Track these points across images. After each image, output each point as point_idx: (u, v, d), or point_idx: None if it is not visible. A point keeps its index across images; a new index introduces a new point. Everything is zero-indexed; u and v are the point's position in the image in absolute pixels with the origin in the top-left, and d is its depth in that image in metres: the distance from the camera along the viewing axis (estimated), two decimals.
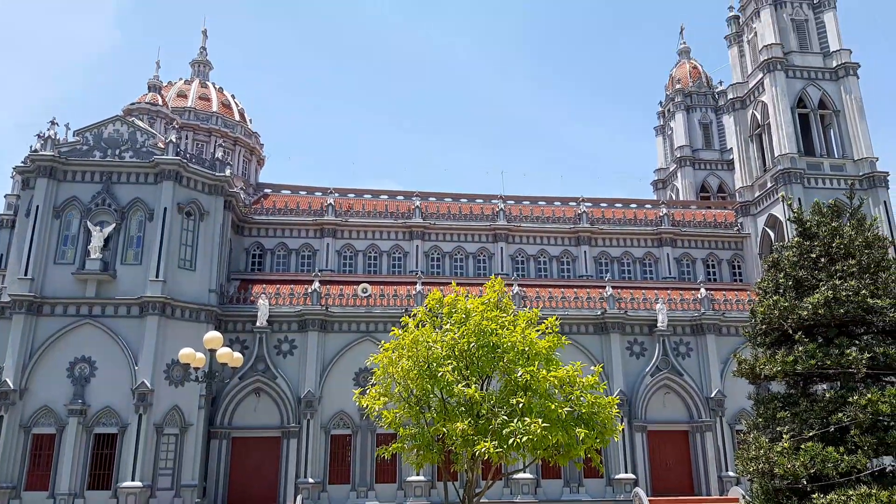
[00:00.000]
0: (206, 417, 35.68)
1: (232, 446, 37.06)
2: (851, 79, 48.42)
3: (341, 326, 39.54)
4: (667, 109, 66.93)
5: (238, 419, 37.44)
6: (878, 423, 8.21)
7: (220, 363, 20.50)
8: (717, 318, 41.48)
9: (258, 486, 36.33)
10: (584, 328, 41.14)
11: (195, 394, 35.15)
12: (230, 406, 37.37)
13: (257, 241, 45.16)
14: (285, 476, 36.34)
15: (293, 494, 35.63)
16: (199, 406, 35.33)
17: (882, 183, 45.69)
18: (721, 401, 39.69)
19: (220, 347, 20.41)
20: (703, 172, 61.51)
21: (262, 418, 37.46)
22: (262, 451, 37.04)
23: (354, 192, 48.90)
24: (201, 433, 34.93)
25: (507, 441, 18.26)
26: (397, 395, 21.31)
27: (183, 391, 35.21)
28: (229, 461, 36.69)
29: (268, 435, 37.35)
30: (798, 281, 9.33)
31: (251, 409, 37.55)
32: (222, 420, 37.05)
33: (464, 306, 21.90)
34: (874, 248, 9.25)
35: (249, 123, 53.15)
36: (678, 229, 48.72)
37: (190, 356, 20.70)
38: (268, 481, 36.51)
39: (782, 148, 46.47)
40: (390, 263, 45.86)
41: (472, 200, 49.72)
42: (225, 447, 36.76)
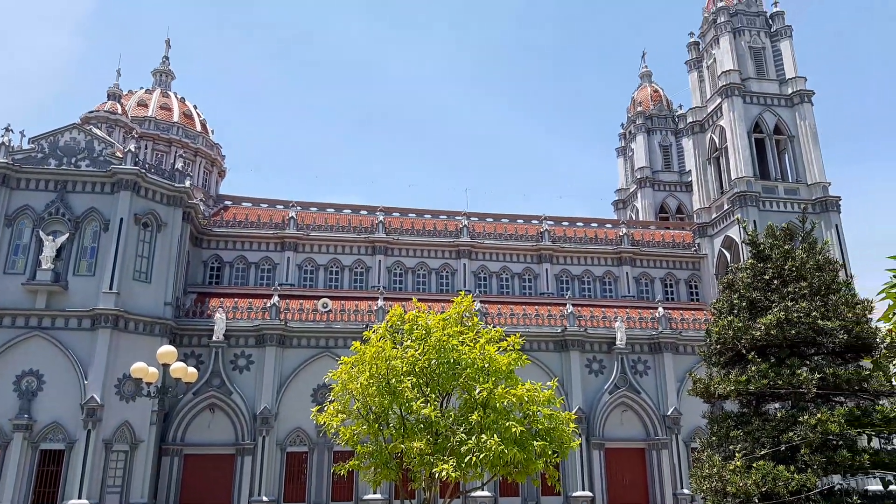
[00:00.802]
0: (158, 434, 34.39)
1: (184, 463, 36.08)
2: (806, 105, 50.01)
3: (300, 341, 39.01)
4: (628, 131, 68.17)
5: (191, 435, 36.51)
6: (827, 443, 8.35)
7: (173, 378, 19.96)
8: (675, 337, 42.10)
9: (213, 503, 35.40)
10: (544, 345, 41.34)
11: (147, 409, 34.21)
12: (183, 422, 36.44)
13: (216, 254, 44.39)
14: (239, 494, 35.51)
15: None
16: (150, 422, 34.38)
17: (834, 207, 47.13)
18: (677, 419, 40.18)
19: (174, 362, 19.87)
20: (662, 193, 62.67)
21: (216, 435, 36.61)
22: (216, 468, 36.16)
23: (317, 206, 48.51)
24: (152, 450, 33.91)
25: (464, 459, 18.14)
26: (355, 412, 21.03)
27: (134, 406, 34.23)
28: (181, 479, 35.71)
29: (222, 452, 36.50)
30: (752, 302, 9.50)
31: (205, 426, 36.67)
32: (175, 436, 36.10)
33: (425, 322, 21.78)
34: (825, 271, 9.48)
35: (211, 134, 52.43)
36: (637, 249, 49.47)
37: (142, 371, 20.11)
38: (221, 500, 35.61)
39: (739, 171, 47.65)
40: (352, 278, 45.50)
41: (436, 216, 49.77)
42: (177, 464, 35.79)
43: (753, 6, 53.87)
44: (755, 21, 53.11)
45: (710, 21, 54.29)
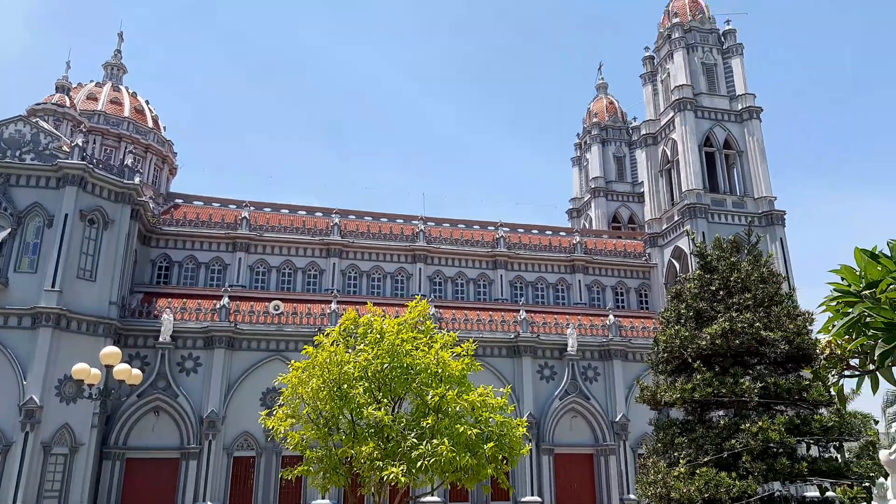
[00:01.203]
0: (100, 437, 33.60)
1: (126, 468, 35.04)
2: (755, 122, 51.56)
3: (250, 344, 38.36)
4: (584, 141, 69.18)
5: (134, 439, 35.48)
6: (768, 450, 8.59)
7: (117, 380, 19.38)
8: (624, 345, 42.82)
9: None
10: (497, 351, 41.55)
11: (88, 412, 33.13)
12: (126, 425, 35.40)
13: (165, 253, 43.34)
14: (183, 499, 34.65)
15: None
16: (91, 425, 33.28)
17: (779, 221, 48.67)
18: (625, 425, 40.84)
19: (118, 363, 19.30)
20: (615, 203, 63.75)
21: (160, 439, 35.66)
22: (159, 473, 35.22)
23: (271, 207, 47.82)
24: (93, 453, 32.90)
25: (415, 464, 18.07)
26: (305, 417, 20.75)
27: (75, 409, 33.10)
28: (122, 483, 34.66)
29: (166, 456, 35.58)
30: (698, 312, 9.73)
31: (149, 429, 35.69)
32: (117, 440, 35.04)
33: (379, 326, 21.64)
34: (769, 283, 9.77)
35: (163, 131, 51.21)
36: (590, 257, 50.19)
37: (84, 372, 19.46)
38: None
39: (689, 184, 48.81)
40: (305, 281, 44.97)
41: (392, 220, 49.59)
42: (118, 469, 34.73)
43: (707, 24, 55.35)
44: (708, 38, 54.58)
45: (665, 36, 55.57)
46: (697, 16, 55.32)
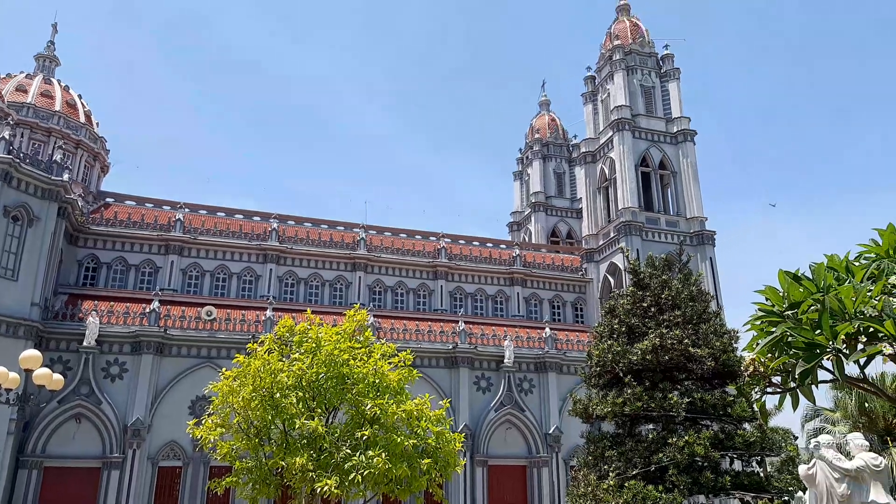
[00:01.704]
0: (16, 444, 31.99)
1: (44, 477, 33.33)
2: (689, 144, 53.41)
3: (180, 350, 37.20)
4: (525, 156, 70.22)
5: (53, 447, 33.81)
6: (693, 464, 8.84)
7: (36, 385, 18.46)
8: (559, 357, 43.46)
9: None
10: (435, 361, 41.55)
11: (5, 418, 31.36)
12: (45, 432, 33.71)
13: (93, 254, 41.67)
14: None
15: None
16: (8, 431, 31.56)
17: (709, 241, 50.46)
18: (558, 437, 41.39)
19: (39, 367, 18.39)
20: (554, 218, 64.87)
21: (81, 447, 34.12)
22: (79, 482, 33.67)
23: (207, 209, 46.62)
24: (8, 461, 31.22)
25: (348, 475, 17.82)
26: (236, 426, 20.21)
27: None
28: (38, 493, 32.94)
29: (87, 465, 34.05)
30: (630, 328, 9.98)
31: (69, 437, 34.07)
32: (34, 447, 33.30)
33: (316, 335, 21.31)
34: (697, 301, 10.10)
35: (96, 127, 49.37)
36: (529, 270, 50.86)
37: (2, 376, 18.46)
38: None
39: (625, 202, 50.12)
40: (240, 286, 43.97)
41: (332, 227, 49.08)
42: (35, 478, 33.00)
43: (646, 47, 57.13)
44: (647, 61, 56.33)
45: (607, 57, 57.07)
46: (638, 39, 57.05)
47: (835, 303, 7.29)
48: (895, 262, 7.95)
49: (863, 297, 7.04)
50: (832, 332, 7.14)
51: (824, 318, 7.19)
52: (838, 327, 7.10)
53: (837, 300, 7.25)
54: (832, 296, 7.29)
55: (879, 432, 27.65)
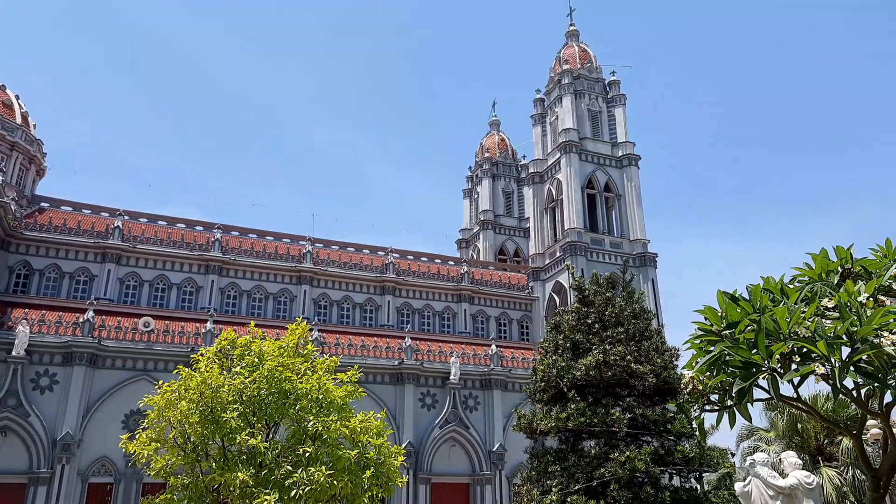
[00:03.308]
0: None
1: None
2: (633, 168, 54.79)
3: (115, 362, 35.88)
4: (475, 175, 70.81)
5: None
6: (634, 479, 8.98)
7: None
8: (505, 375, 43.68)
9: None
10: (380, 377, 41.18)
11: None
12: None
13: (25, 260, 39.99)
14: None
15: None
16: None
17: (651, 263, 51.72)
18: (502, 455, 41.46)
19: None
20: (502, 237, 65.46)
21: (6, 461, 32.40)
22: (3, 499, 31.95)
23: (147, 217, 45.34)
24: None
25: (289, 492, 17.44)
26: (172, 441, 19.55)
27: None
28: None
29: (12, 481, 32.34)
30: (575, 343, 10.12)
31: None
32: None
33: (258, 349, 20.88)
34: (640, 319, 10.33)
35: (33, 129, 47.55)
36: (476, 287, 51.11)
37: None
38: None
39: (571, 222, 51.00)
40: (180, 298, 42.81)
41: (278, 239, 48.36)
42: None
43: (594, 73, 58.56)
44: (595, 86, 57.70)
45: (556, 81, 58.23)
46: (586, 64, 58.45)
47: (770, 323, 7.56)
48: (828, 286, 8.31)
49: (797, 319, 7.33)
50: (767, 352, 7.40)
51: (760, 338, 7.45)
52: (773, 347, 7.37)
53: (773, 321, 7.53)
54: (768, 316, 7.57)
55: (811, 452, 28.64)
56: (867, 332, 6.95)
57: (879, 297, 7.40)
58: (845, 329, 7.03)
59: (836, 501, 25.67)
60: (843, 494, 26.13)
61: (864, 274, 8.52)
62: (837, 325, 7.01)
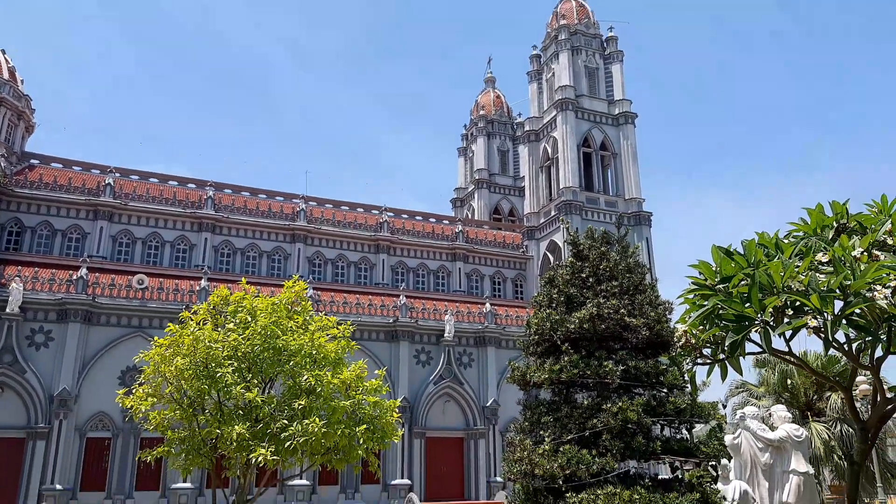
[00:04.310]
0: None
1: None
2: (629, 126, 54.36)
3: (109, 319, 35.97)
4: (470, 133, 70.21)
5: None
6: (626, 429, 9.10)
7: None
8: (499, 332, 44.04)
9: None
10: (375, 335, 41.47)
11: None
12: None
13: (16, 217, 39.73)
14: (28, 482, 32.03)
15: (36, 502, 31.54)
16: None
17: (646, 221, 51.74)
18: (495, 410, 42.07)
19: None
20: (497, 196, 65.26)
21: (3, 417, 32.75)
22: (1, 454, 32.37)
23: (139, 175, 44.96)
24: None
25: (284, 444, 17.68)
26: (168, 396, 19.72)
27: None
28: None
29: (9, 436, 32.74)
30: (569, 297, 10.15)
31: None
32: None
33: (251, 306, 20.92)
34: (634, 273, 10.35)
35: (20, 85, 46.73)
36: (471, 246, 51.15)
37: None
38: (6, 487, 31.90)
39: (567, 181, 50.79)
40: (174, 255, 42.72)
41: (271, 197, 48.10)
42: None
43: (592, 28, 57.61)
44: (592, 42, 56.82)
45: (552, 37, 57.31)
46: (583, 20, 57.46)
47: (764, 277, 7.56)
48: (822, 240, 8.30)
49: (790, 273, 7.33)
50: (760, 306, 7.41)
51: (753, 292, 7.46)
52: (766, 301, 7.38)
53: (767, 275, 7.52)
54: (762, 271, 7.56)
55: (801, 407, 29.16)
56: (860, 286, 6.95)
57: (874, 252, 7.39)
58: (839, 283, 7.03)
59: (823, 455, 26.22)
60: (831, 448, 26.69)
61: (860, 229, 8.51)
62: (831, 279, 7.01)
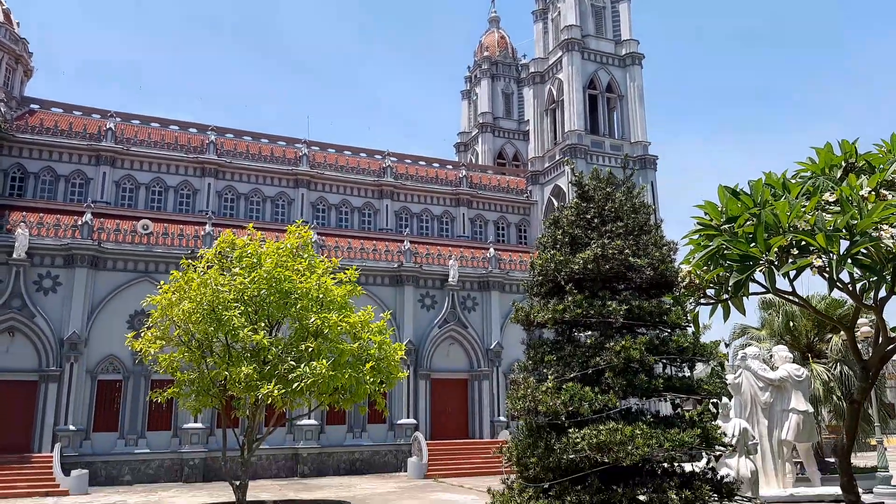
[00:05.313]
0: None
1: None
2: (636, 68, 53.32)
3: (116, 264, 36.20)
4: (474, 75, 69.03)
5: None
6: (629, 368, 9.21)
7: None
8: (502, 277, 44.28)
9: (7, 434, 32.35)
10: (380, 280, 41.75)
11: None
12: None
13: (19, 163, 39.60)
14: (42, 423, 32.84)
15: (50, 443, 32.42)
16: None
17: (651, 165, 51.31)
18: (499, 352, 42.66)
19: None
20: (501, 140, 64.61)
21: (15, 360, 33.32)
22: (15, 396, 33.07)
23: (140, 119, 44.53)
24: None
25: (291, 385, 18.04)
26: (176, 339, 20.03)
27: None
28: None
29: (22, 378, 33.40)
30: (573, 238, 10.14)
31: (2, 350, 33.23)
32: None
33: (256, 250, 21.03)
34: (639, 213, 10.30)
35: (16, 27, 45.85)
36: (475, 192, 50.95)
37: None
38: (20, 429, 32.72)
39: (572, 124, 50.17)
40: (177, 201, 42.70)
41: (273, 142, 47.72)
42: None
43: None
44: None
45: None
46: None
47: (770, 217, 7.51)
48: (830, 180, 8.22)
49: (797, 212, 7.28)
50: (766, 245, 7.39)
51: (759, 232, 7.42)
52: (772, 240, 7.35)
53: (773, 214, 7.47)
54: (768, 210, 7.51)
55: (801, 349, 29.42)
56: (867, 225, 6.90)
57: (881, 192, 7.30)
58: (845, 222, 6.97)
59: (822, 395, 26.60)
60: (830, 389, 27.04)
61: (868, 168, 8.38)
62: (837, 218, 6.95)
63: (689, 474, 8.93)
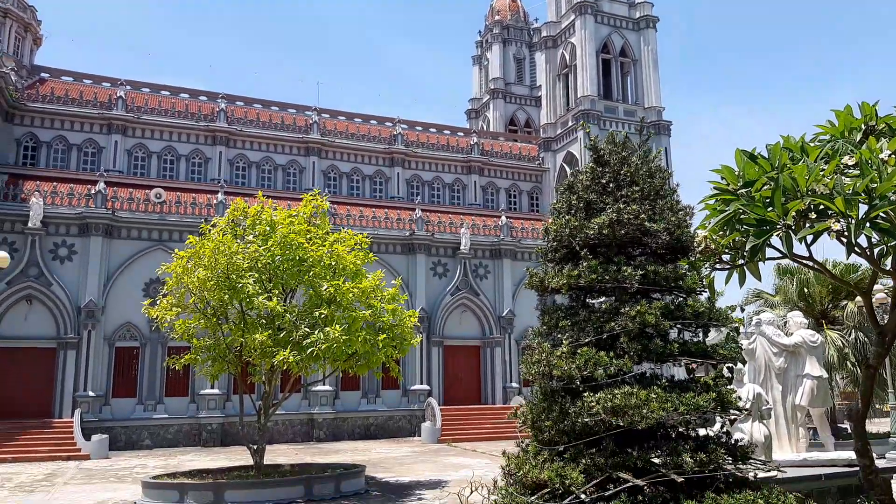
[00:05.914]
0: None
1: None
2: (650, 31, 52.39)
3: (130, 233, 36.47)
4: (485, 40, 68.07)
5: (5, 328, 33.47)
6: (644, 332, 9.18)
7: None
8: (514, 244, 44.24)
9: (28, 399, 33.05)
10: (392, 248, 41.84)
11: None
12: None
13: (31, 132, 39.72)
14: (62, 389, 33.48)
15: (70, 408, 33.09)
16: None
17: (665, 131, 50.74)
18: (511, 319, 42.82)
19: None
20: (513, 106, 63.92)
21: (34, 328, 33.87)
22: (35, 363, 33.68)
23: (150, 87, 44.39)
24: None
25: (306, 351, 18.25)
26: (192, 306, 20.26)
27: None
28: None
29: (41, 346, 33.96)
30: (588, 203, 10.03)
31: (21, 318, 33.75)
32: None
33: (269, 218, 21.12)
34: (655, 177, 10.17)
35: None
36: (486, 159, 50.63)
37: None
38: (40, 395, 33.39)
39: (585, 90, 49.54)
40: (189, 169, 42.77)
41: (283, 109, 47.49)
42: None
43: None
44: None
45: None
46: None
47: (788, 181, 7.41)
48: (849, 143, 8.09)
49: (815, 176, 7.17)
50: (783, 210, 7.31)
51: (776, 196, 7.33)
52: (789, 204, 7.26)
53: (791, 178, 7.37)
54: (786, 174, 7.41)
55: (816, 316, 29.36)
56: (887, 189, 6.78)
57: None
58: (864, 186, 6.86)
59: (836, 362, 26.61)
60: (845, 355, 27.03)
61: (888, 131, 8.22)
62: (857, 181, 6.84)
63: (704, 438, 8.96)
